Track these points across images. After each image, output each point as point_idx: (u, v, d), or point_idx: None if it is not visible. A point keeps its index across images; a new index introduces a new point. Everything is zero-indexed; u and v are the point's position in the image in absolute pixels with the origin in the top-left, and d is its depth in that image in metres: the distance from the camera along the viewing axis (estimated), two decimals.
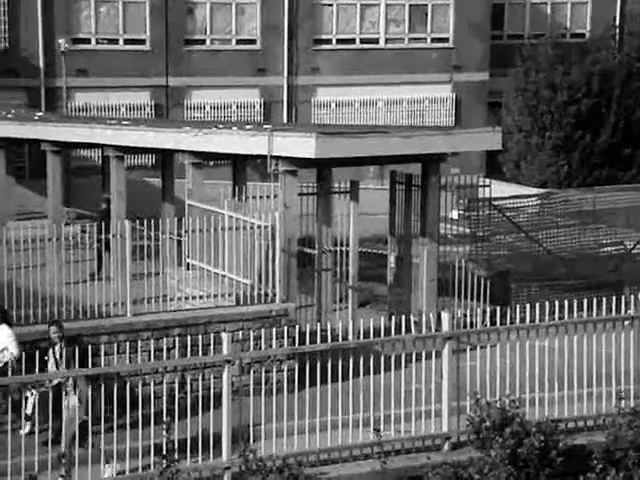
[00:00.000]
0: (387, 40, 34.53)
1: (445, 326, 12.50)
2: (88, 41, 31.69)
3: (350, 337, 12.76)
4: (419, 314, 15.86)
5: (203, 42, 32.89)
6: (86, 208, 25.04)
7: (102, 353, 13.25)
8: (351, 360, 12.16)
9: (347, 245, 17.95)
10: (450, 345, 12.43)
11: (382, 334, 12.56)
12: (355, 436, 12.26)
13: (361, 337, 12.38)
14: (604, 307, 13.21)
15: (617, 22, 36.67)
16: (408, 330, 12.63)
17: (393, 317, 13.08)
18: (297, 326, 13.28)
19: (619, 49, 34.38)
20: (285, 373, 12.98)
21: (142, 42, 32.14)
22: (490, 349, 12.90)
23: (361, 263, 17.92)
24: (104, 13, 31.80)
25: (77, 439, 11.87)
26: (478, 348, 12.95)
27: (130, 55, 31.87)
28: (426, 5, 34.73)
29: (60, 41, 30.40)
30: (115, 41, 31.98)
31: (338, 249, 18.21)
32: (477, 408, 12.23)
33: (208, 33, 32.93)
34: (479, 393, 12.39)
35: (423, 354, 12.60)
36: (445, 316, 12.53)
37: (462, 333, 12.86)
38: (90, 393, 11.66)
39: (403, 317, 12.59)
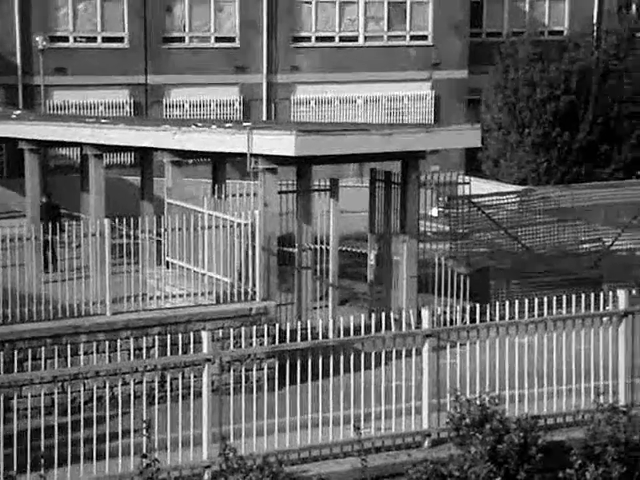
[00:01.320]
0: (366, 38, 34.55)
1: (425, 324, 12.53)
2: (66, 39, 31.54)
3: (330, 335, 12.71)
4: (399, 312, 15.88)
5: (182, 40, 32.81)
6: (65, 206, 24.87)
7: (81, 352, 13.18)
8: (331, 358, 12.17)
9: (327, 243, 17.94)
10: (430, 342, 12.46)
11: (362, 332, 12.56)
12: (335, 434, 12.27)
13: (341, 335, 12.39)
14: (583, 304, 13.26)
15: (595, 20, 36.84)
16: (388, 328, 12.65)
17: (373, 315, 13.08)
18: (277, 324, 13.27)
19: (597, 47, 34.55)
20: (265, 371, 12.98)
21: (121, 40, 32.02)
22: (470, 347, 12.93)
23: (341, 261, 17.92)
24: (82, 11, 31.66)
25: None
26: (458, 345, 12.98)
27: (109, 53, 31.75)
28: (405, 3, 34.76)
29: (37, 39, 30.24)
30: (93, 39, 31.85)
31: (318, 247, 18.21)
32: (457, 405, 12.26)
33: (187, 31, 32.85)
34: (459, 390, 12.42)
35: (403, 351, 12.62)
36: (425, 314, 12.56)
37: (442, 331, 12.89)
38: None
39: (383, 315, 12.60)
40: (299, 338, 12.37)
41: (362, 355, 12.39)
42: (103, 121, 22.49)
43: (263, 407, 12.06)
